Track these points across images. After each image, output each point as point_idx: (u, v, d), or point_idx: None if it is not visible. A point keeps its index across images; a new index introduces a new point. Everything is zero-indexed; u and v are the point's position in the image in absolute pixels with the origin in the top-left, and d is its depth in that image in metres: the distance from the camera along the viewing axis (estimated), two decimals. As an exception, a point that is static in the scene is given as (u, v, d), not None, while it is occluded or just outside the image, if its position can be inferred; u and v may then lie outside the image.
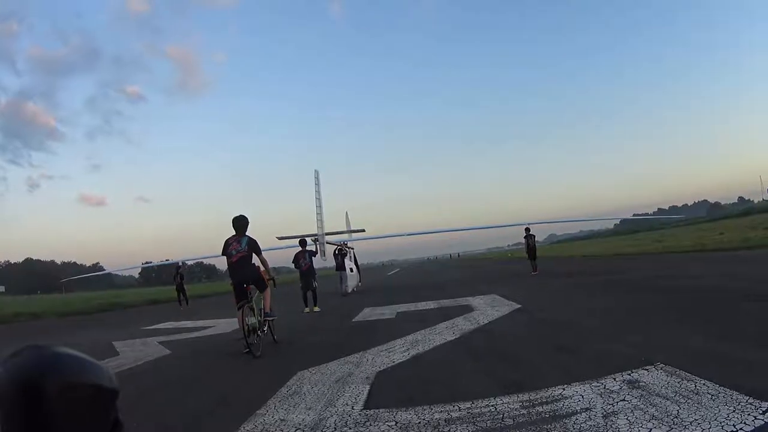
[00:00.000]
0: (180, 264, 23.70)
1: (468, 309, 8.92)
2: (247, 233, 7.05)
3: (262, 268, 7.14)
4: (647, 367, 3.81)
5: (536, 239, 18.13)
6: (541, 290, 11.70)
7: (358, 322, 9.21)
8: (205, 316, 14.05)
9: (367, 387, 4.29)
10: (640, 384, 3.45)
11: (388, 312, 10.14)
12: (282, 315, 7.71)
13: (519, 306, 8.56)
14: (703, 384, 3.27)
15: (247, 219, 7.08)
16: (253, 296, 6.96)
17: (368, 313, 10.30)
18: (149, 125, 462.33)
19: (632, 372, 3.74)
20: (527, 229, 17.82)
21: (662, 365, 3.81)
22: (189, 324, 12.11)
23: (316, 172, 16.71)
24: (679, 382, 3.37)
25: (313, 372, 5.07)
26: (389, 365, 5.08)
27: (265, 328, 7.03)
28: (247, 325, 6.54)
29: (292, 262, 13.24)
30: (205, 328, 10.82)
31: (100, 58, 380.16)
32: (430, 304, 10.59)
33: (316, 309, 12.28)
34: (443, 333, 6.65)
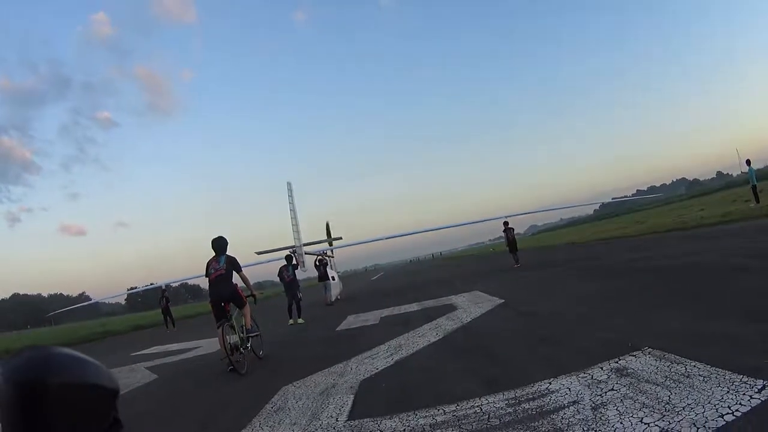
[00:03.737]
0: (164, 287, 23.33)
1: (451, 308, 8.81)
2: (227, 253, 6.95)
3: (240, 286, 6.97)
4: (635, 353, 3.70)
5: (517, 231, 18.08)
6: (524, 283, 11.58)
7: (342, 330, 9.06)
8: (191, 337, 13.85)
9: (351, 397, 4.21)
10: (629, 371, 3.33)
11: (372, 318, 10.00)
12: (266, 329, 7.51)
13: (502, 301, 8.45)
14: (694, 366, 3.16)
15: (225, 240, 6.99)
16: (233, 314, 6.82)
17: (352, 321, 10.16)
18: (123, 150, 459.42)
19: (619, 359, 3.63)
20: (506, 223, 17.72)
21: (650, 350, 3.70)
22: (175, 347, 11.96)
23: (289, 183, 16.50)
24: (668, 366, 3.26)
25: (298, 386, 4.99)
26: (373, 372, 4.98)
27: (248, 345, 6.87)
28: (229, 343, 6.43)
29: (277, 275, 13.25)
30: (191, 349, 10.65)
31: (70, 86, 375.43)
32: (413, 306, 10.49)
33: (300, 321, 12.19)
34: (426, 335, 6.54)
